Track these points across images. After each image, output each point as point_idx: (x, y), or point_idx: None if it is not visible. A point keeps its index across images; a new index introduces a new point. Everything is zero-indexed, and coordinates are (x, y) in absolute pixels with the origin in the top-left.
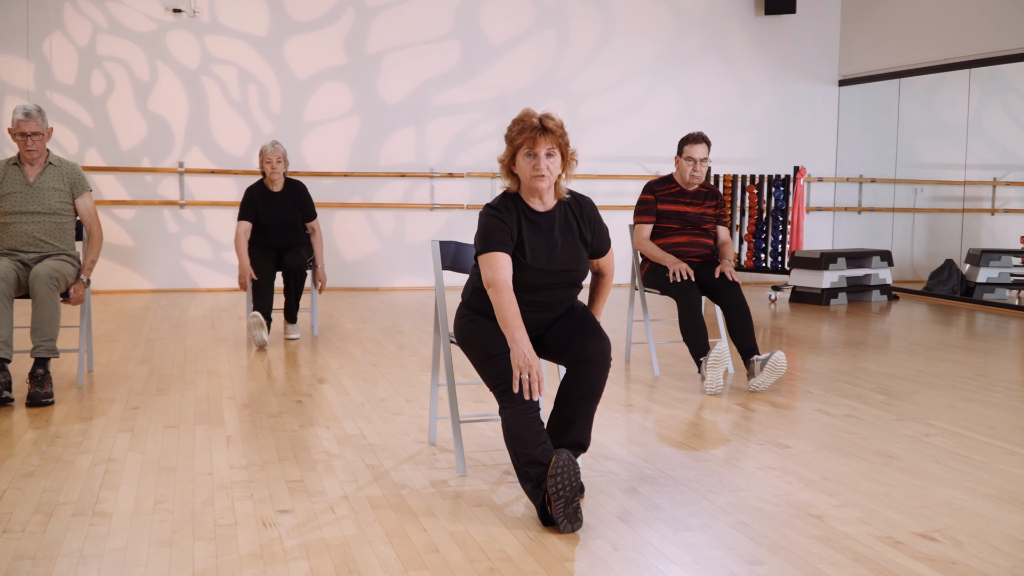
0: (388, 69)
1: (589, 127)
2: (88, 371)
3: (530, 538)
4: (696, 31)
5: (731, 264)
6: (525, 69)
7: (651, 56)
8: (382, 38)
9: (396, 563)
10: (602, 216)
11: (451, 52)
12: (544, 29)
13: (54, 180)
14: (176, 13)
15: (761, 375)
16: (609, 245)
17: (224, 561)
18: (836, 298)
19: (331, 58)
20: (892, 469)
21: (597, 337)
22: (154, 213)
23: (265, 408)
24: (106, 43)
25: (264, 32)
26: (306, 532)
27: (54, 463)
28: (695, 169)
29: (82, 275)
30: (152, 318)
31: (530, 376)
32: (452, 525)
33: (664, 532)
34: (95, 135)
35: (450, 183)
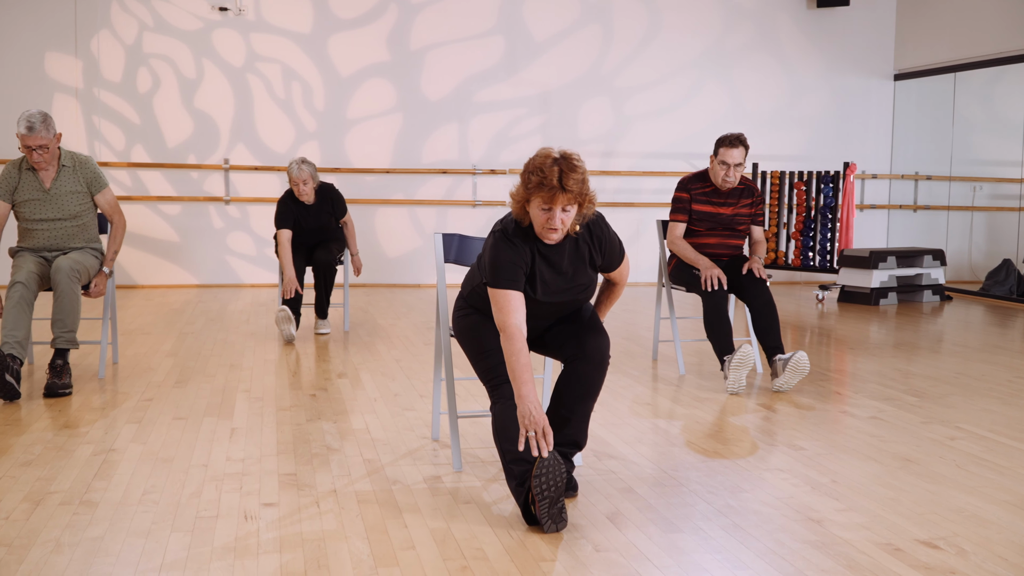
0: (431, 65)
1: (634, 123)
2: (113, 363)
3: (512, 537)
4: (745, 25)
5: (760, 262)
6: (569, 65)
7: (698, 51)
8: (425, 34)
9: (368, 559)
10: (622, 227)
11: (494, 48)
12: (588, 24)
13: (70, 183)
14: (222, 11)
15: (784, 375)
16: (620, 260)
17: (195, 553)
18: (886, 298)
19: (374, 55)
20: (907, 473)
21: (596, 334)
22: (199, 209)
23: (277, 401)
24: (153, 41)
25: (308, 30)
26: (285, 526)
27: (55, 452)
28: (728, 174)
29: (104, 267)
30: (190, 312)
31: (537, 434)
32: (435, 522)
33: (652, 534)
34: (142, 132)
35: (492, 180)
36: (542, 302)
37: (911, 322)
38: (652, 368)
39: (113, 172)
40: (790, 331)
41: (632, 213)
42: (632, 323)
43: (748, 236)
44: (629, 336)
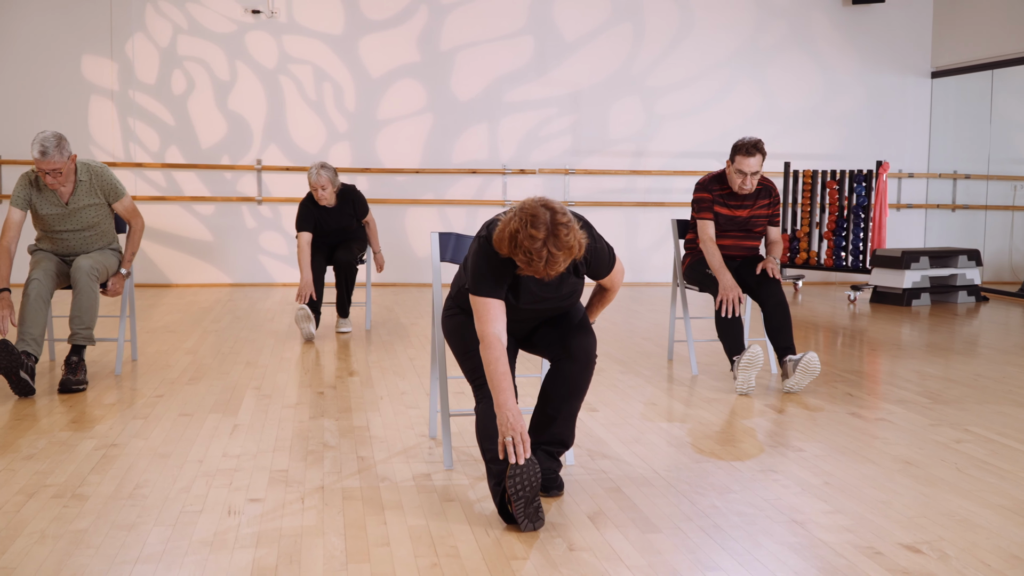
0: (461, 66)
1: (665, 123)
2: (132, 360)
3: (489, 536)
4: (779, 22)
5: (775, 262)
6: (599, 64)
7: (731, 49)
8: (455, 35)
9: (340, 555)
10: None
11: (524, 48)
12: (619, 23)
13: (88, 196)
14: (255, 14)
15: (794, 376)
16: (610, 267)
17: (173, 547)
18: (918, 299)
19: (404, 56)
20: (904, 476)
21: (582, 334)
22: (232, 209)
23: (284, 399)
24: (187, 44)
25: (339, 31)
26: (266, 521)
27: (57, 447)
28: (744, 182)
29: (122, 268)
30: (218, 311)
31: (514, 440)
32: (415, 519)
33: (630, 534)
34: (176, 133)
35: (522, 179)
36: (524, 309)
37: (943, 323)
38: (667, 368)
39: (148, 173)
40: (821, 332)
41: (663, 213)
42: (652, 323)
43: (764, 236)
44: (647, 336)
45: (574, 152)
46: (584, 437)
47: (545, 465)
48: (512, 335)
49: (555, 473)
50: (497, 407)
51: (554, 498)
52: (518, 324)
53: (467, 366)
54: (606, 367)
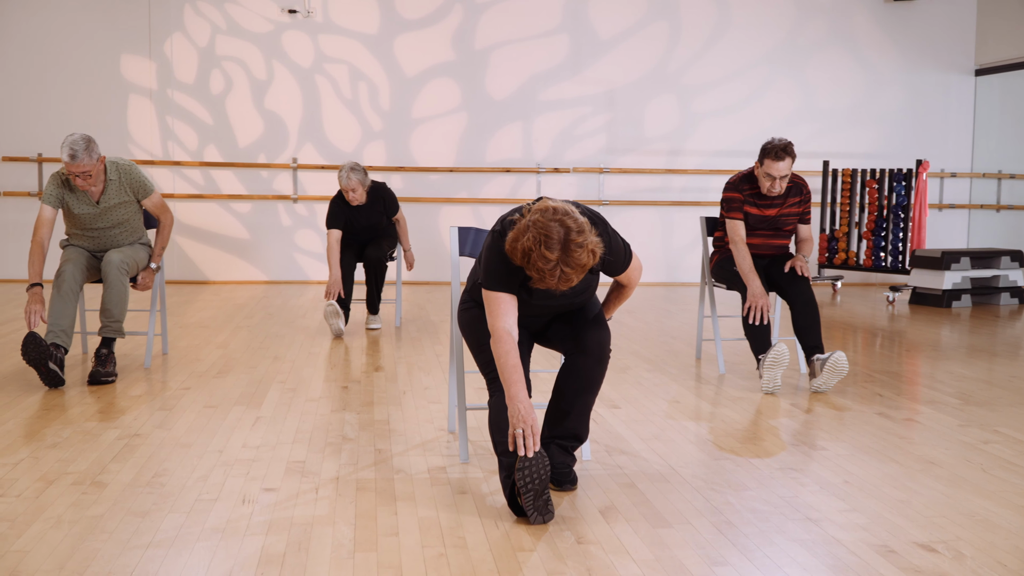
0: (495, 65)
1: (702, 121)
2: (163, 353)
3: (498, 528)
4: (819, 19)
5: (804, 260)
6: (635, 62)
7: (769, 46)
8: (490, 34)
9: (349, 544)
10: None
11: (559, 46)
12: (655, 21)
13: (118, 195)
14: (291, 14)
15: (822, 376)
16: (626, 264)
17: (185, 533)
18: (959, 300)
19: (439, 55)
20: (927, 476)
21: (596, 329)
22: (268, 207)
23: (308, 392)
24: (225, 43)
25: (374, 30)
26: (279, 510)
27: (81, 436)
28: (773, 186)
29: (151, 262)
30: (252, 307)
31: (524, 432)
32: (425, 511)
33: (640, 529)
34: (214, 132)
35: (557, 178)
36: (537, 305)
37: (984, 325)
38: (694, 367)
39: (186, 171)
40: (859, 333)
41: (698, 212)
42: (683, 322)
43: (795, 234)
44: (676, 335)
45: (609, 151)
46: (603, 433)
47: (559, 460)
48: (526, 329)
49: (569, 468)
50: (508, 399)
51: (567, 492)
52: (532, 318)
53: (481, 359)
54: (632, 365)
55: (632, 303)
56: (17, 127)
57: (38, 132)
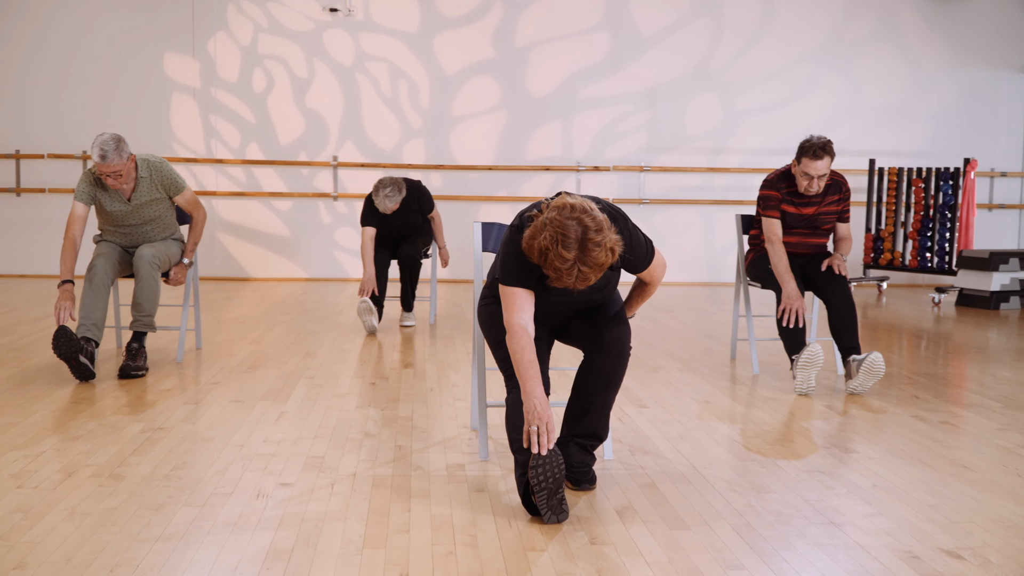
0: (536, 62)
1: (745, 119)
2: (196, 348)
3: (511, 527)
4: (866, 15)
5: (843, 258)
6: (677, 59)
7: (815, 42)
8: (530, 32)
9: (358, 540)
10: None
11: (600, 44)
12: (698, 17)
13: (149, 192)
14: (332, 12)
15: (858, 377)
16: (648, 261)
17: (196, 527)
18: (1007, 302)
19: (479, 53)
20: (959, 480)
21: (615, 325)
22: (309, 205)
23: (334, 388)
24: (267, 42)
25: (415, 28)
26: (292, 505)
27: (106, 429)
28: (811, 185)
29: (184, 257)
30: (290, 303)
31: (539, 429)
32: (439, 508)
33: (657, 530)
34: (256, 130)
35: (596, 176)
36: (556, 300)
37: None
38: (728, 367)
39: (228, 169)
40: (904, 335)
41: (740, 211)
42: (721, 321)
43: (833, 233)
44: (713, 335)
45: (649, 149)
46: (627, 432)
47: (577, 459)
48: (546, 325)
49: (588, 467)
50: (524, 395)
51: (585, 492)
52: (551, 315)
53: (499, 355)
54: (664, 365)
55: (671, 302)
56: (62, 125)
57: (83, 130)
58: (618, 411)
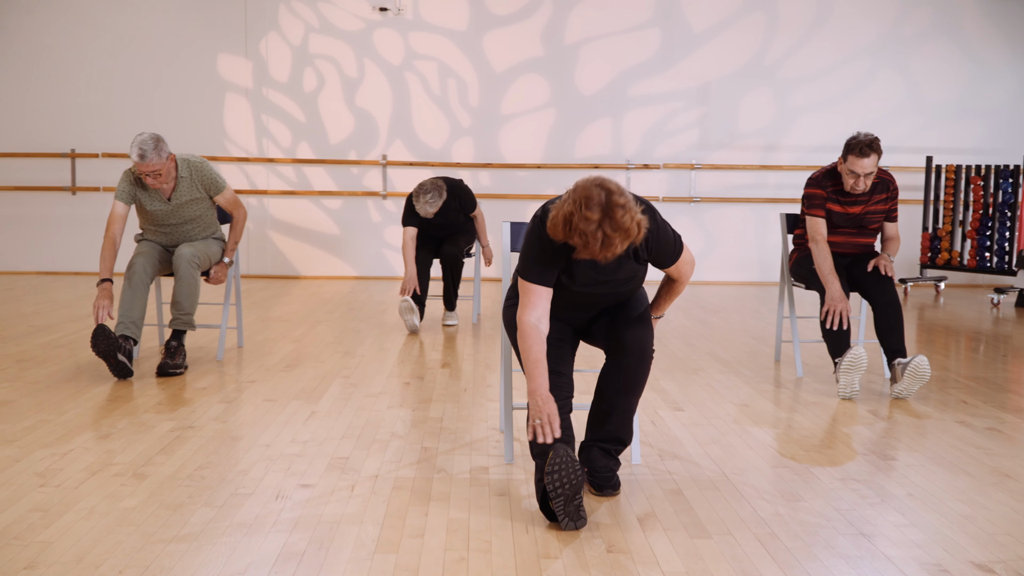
0: (585, 60)
1: (799, 116)
2: (238, 347)
3: (528, 533)
4: (924, 9)
5: (890, 259)
6: (729, 55)
7: (871, 37)
8: (580, 28)
9: (371, 544)
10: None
11: (651, 40)
12: (751, 12)
13: (189, 191)
14: (382, 12)
15: (903, 381)
16: (676, 256)
17: (211, 527)
18: None
19: (528, 50)
20: (999, 490)
21: (638, 327)
22: (358, 203)
23: (368, 388)
24: (318, 42)
25: (464, 27)
26: (310, 507)
27: (136, 427)
28: (857, 184)
29: (224, 256)
30: (336, 302)
31: (543, 421)
32: (457, 512)
33: (677, 539)
34: (306, 129)
35: (646, 174)
36: (580, 291)
37: None
38: (772, 370)
39: (279, 168)
40: (962, 338)
41: (794, 210)
42: (770, 323)
43: (881, 232)
44: (759, 336)
45: (701, 146)
46: (659, 436)
47: (600, 464)
48: (571, 324)
49: (611, 472)
50: (530, 393)
51: (608, 497)
52: (575, 311)
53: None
54: (706, 367)
55: (720, 302)
56: (117, 125)
57: (138, 130)
58: (652, 414)
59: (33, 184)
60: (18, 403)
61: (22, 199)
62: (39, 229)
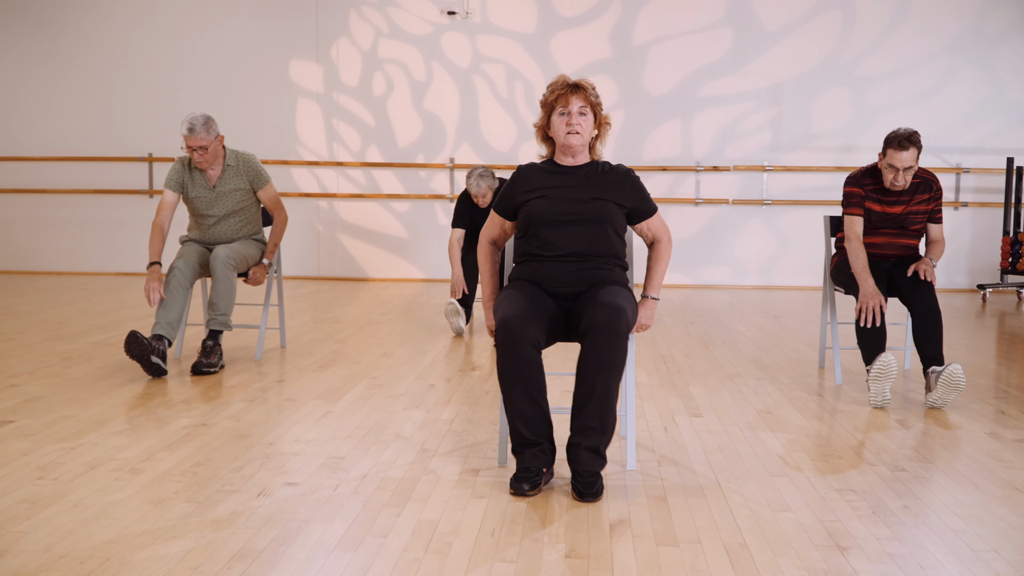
0: (654, 61)
1: (878, 115)
2: (281, 347)
3: (492, 536)
4: (1008, 5)
5: (931, 264)
6: (804, 54)
7: (952, 34)
8: (649, 29)
9: (331, 544)
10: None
11: (722, 40)
12: (826, 10)
13: (234, 181)
14: (450, 15)
15: (937, 390)
16: (655, 208)
17: (183, 523)
18: None
19: (596, 52)
20: (1003, 505)
21: (610, 307)
22: (426, 206)
23: (392, 389)
24: (387, 47)
25: (531, 29)
26: (287, 505)
27: (152, 424)
28: (896, 178)
29: (264, 258)
30: (394, 304)
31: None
32: (430, 514)
33: (642, 547)
34: (376, 133)
35: (716, 177)
36: (552, 221)
37: None
38: (814, 376)
39: (349, 171)
40: None
41: None
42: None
43: (925, 235)
44: (810, 342)
45: (773, 148)
46: (666, 442)
47: (585, 468)
48: (548, 289)
49: (595, 476)
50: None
51: (588, 503)
52: (551, 276)
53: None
54: (744, 372)
55: (785, 306)
56: None
57: None
58: (667, 420)
59: (112, 187)
60: (48, 399)
61: (101, 202)
62: (117, 231)
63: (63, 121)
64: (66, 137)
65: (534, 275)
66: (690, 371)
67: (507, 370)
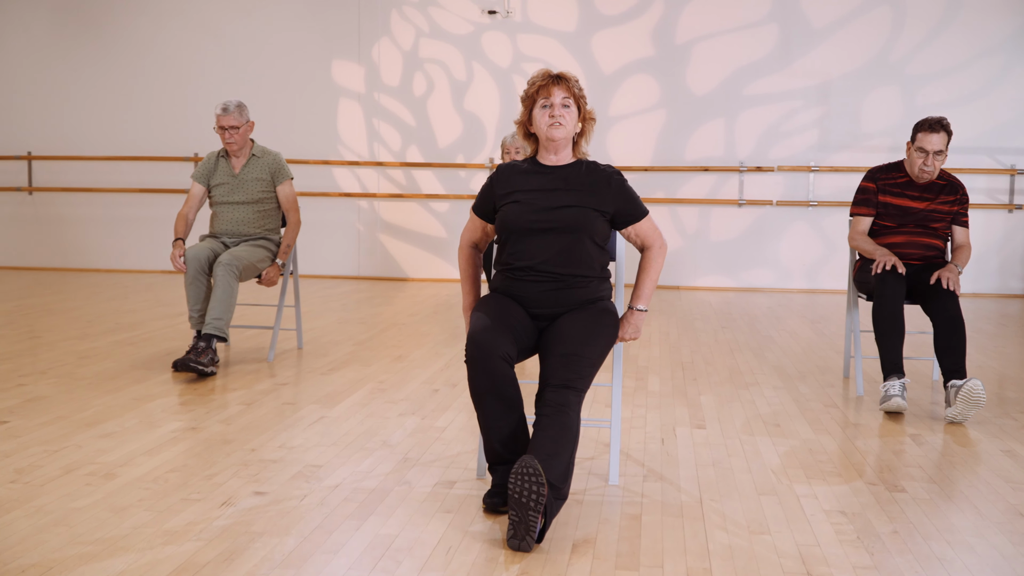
0: (697, 59)
1: (928, 114)
2: (298, 348)
3: (447, 553)
4: None
5: (955, 271)
6: (851, 52)
7: (1007, 31)
8: (692, 27)
9: (278, 559)
10: None
11: (767, 37)
12: (875, 7)
13: (257, 171)
14: (491, 15)
15: (956, 405)
16: (644, 211)
17: (136, 533)
18: None
19: (638, 50)
20: (1001, 531)
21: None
22: (465, 206)
23: (394, 394)
24: (428, 46)
25: (572, 28)
26: (247, 516)
27: (142, 427)
28: (926, 163)
29: (277, 259)
30: (426, 305)
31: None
32: (391, 528)
33: (600, 569)
34: (416, 133)
35: (760, 177)
36: (525, 229)
37: None
38: (835, 386)
39: (390, 171)
40: None
41: None
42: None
43: (950, 239)
44: (840, 349)
45: (820, 148)
46: (657, 455)
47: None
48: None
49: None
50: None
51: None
52: (527, 298)
53: None
54: (763, 380)
55: (826, 311)
56: None
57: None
58: (667, 432)
59: (158, 187)
60: (51, 399)
61: (147, 201)
62: (162, 229)
63: (111, 121)
64: (114, 137)
65: (509, 291)
66: (706, 379)
67: (478, 386)
